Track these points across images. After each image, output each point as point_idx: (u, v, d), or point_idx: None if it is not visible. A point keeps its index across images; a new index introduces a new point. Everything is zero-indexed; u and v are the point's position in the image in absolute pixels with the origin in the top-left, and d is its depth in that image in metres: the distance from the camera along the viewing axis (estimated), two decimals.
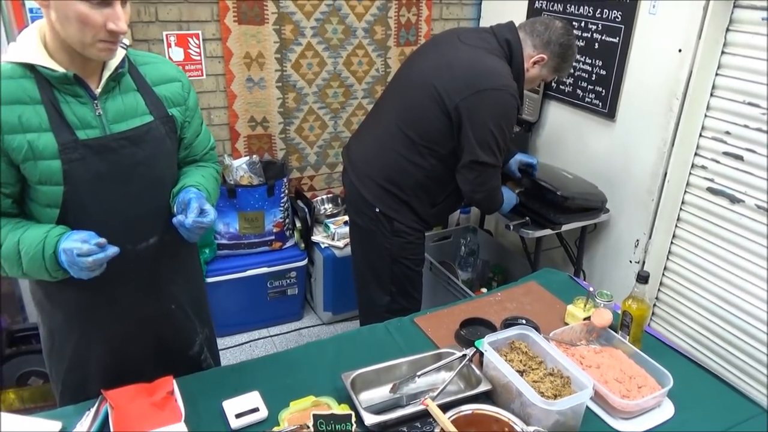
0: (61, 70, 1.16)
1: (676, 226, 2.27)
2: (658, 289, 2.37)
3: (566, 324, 1.67)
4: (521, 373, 1.35)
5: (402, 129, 1.94)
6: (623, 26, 2.29)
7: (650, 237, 2.34)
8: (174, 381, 1.31)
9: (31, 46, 1.16)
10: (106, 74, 1.22)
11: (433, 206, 2.06)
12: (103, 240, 1.15)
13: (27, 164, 1.17)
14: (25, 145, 1.15)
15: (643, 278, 1.52)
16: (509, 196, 2.21)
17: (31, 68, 1.16)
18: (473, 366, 1.42)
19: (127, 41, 1.28)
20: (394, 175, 1.97)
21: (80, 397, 1.38)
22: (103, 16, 1.10)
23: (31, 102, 1.16)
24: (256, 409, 1.29)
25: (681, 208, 2.24)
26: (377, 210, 2.00)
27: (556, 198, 2.27)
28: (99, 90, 1.22)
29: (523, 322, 1.62)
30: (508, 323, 1.61)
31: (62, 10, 1.09)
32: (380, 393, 1.38)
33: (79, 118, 1.20)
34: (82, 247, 1.12)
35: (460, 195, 2.04)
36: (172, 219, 1.27)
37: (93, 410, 1.27)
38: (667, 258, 2.33)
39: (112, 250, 1.15)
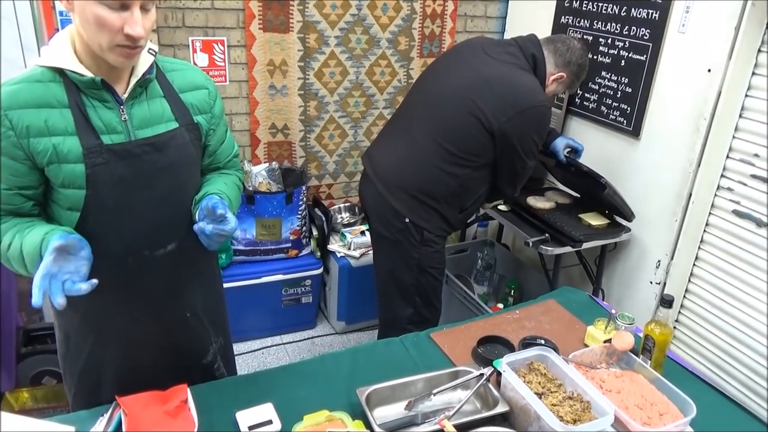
0: (89, 74, 1.16)
1: (699, 248, 2.23)
2: (679, 312, 2.32)
3: (586, 345, 1.64)
4: (540, 395, 1.32)
5: (438, 141, 1.96)
6: (651, 44, 2.26)
7: (672, 258, 2.29)
8: (188, 389, 1.30)
9: (61, 51, 1.17)
10: (134, 80, 1.22)
11: (461, 211, 2.10)
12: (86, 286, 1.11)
13: (51, 167, 1.17)
14: (50, 148, 1.15)
15: (667, 302, 1.48)
16: None
17: (61, 72, 1.17)
18: (490, 386, 1.39)
19: (155, 47, 1.28)
20: (429, 185, 1.99)
21: (93, 401, 1.38)
22: (121, 20, 1.09)
23: (59, 106, 1.17)
24: (269, 422, 1.28)
25: (705, 230, 2.20)
26: (407, 220, 2.01)
27: (597, 185, 2.26)
28: (126, 95, 1.22)
29: (542, 342, 1.59)
30: (527, 343, 1.59)
31: (82, 12, 1.09)
32: (395, 410, 1.36)
33: (104, 123, 1.20)
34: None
35: (484, 198, 2.15)
36: (193, 226, 1.26)
37: (107, 416, 1.27)
38: (689, 280, 2.28)
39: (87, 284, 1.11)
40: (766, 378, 2.00)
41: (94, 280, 1.11)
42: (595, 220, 2.41)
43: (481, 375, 1.40)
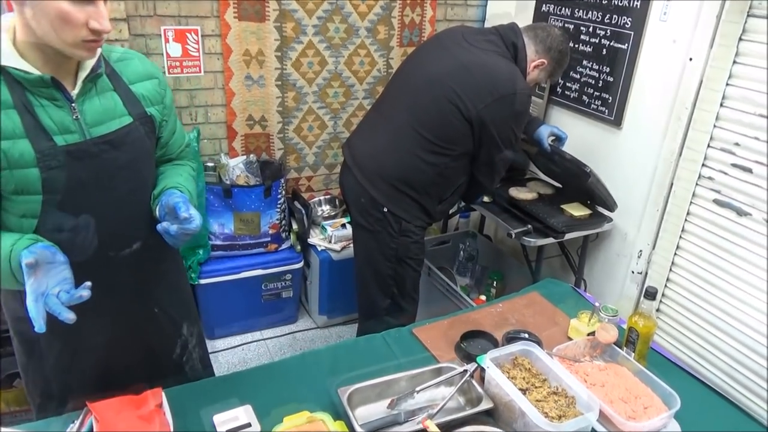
0: (36, 72, 1.09)
1: (680, 237, 2.23)
2: (660, 301, 2.32)
3: (569, 338, 1.62)
4: (524, 391, 1.30)
5: (417, 129, 1.93)
6: (632, 32, 2.24)
7: (654, 248, 2.29)
8: (163, 393, 1.26)
9: (1, 49, 1.08)
10: (82, 75, 1.15)
11: (440, 202, 2.08)
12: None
13: (2, 173, 1.09)
14: None
15: (650, 294, 1.47)
16: None
17: (3, 71, 1.08)
18: (474, 382, 1.37)
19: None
20: (408, 174, 1.96)
21: (61, 408, 1.33)
22: (85, 14, 1.04)
23: (2, 107, 1.08)
24: (248, 425, 1.24)
25: (686, 219, 2.19)
26: (385, 210, 1.99)
27: (581, 174, 2.25)
28: (76, 92, 1.15)
29: (526, 336, 1.57)
30: (511, 337, 1.57)
31: (41, 7, 1.01)
32: (377, 409, 1.33)
33: (56, 123, 1.13)
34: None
35: (464, 189, 2.11)
36: (156, 226, 1.21)
37: (78, 423, 1.22)
38: (671, 270, 2.28)
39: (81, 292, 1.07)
40: (745, 365, 2.02)
41: (88, 282, 1.06)
42: (577, 210, 2.40)
43: (465, 371, 1.38)
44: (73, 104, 1.15)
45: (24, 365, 1.39)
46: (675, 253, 2.25)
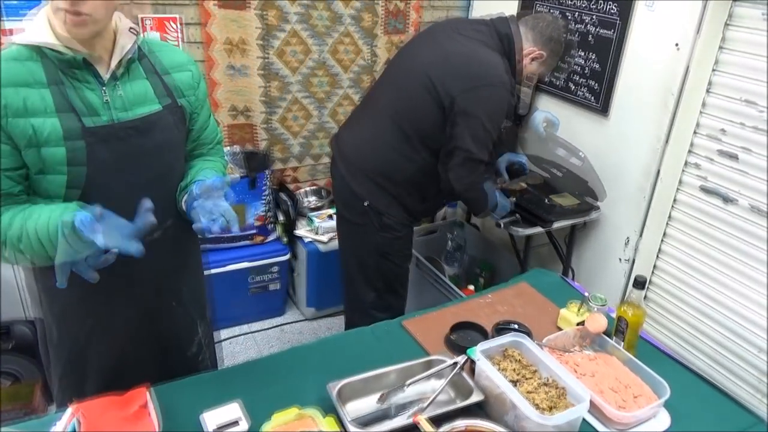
0: (69, 53, 1.11)
1: (667, 224, 2.24)
2: (648, 288, 2.34)
3: (559, 329, 1.62)
4: (515, 383, 1.30)
5: (396, 121, 1.89)
6: (619, 20, 2.23)
7: (641, 235, 2.30)
8: (148, 393, 1.23)
9: (39, 28, 1.11)
10: (115, 59, 1.17)
11: (423, 201, 2.03)
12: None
13: (29, 151, 1.11)
14: (29, 129, 1.09)
15: (639, 283, 1.47)
16: (503, 203, 2.12)
17: (39, 51, 1.11)
18: (464, 375, 1.36)
19: (137, 27, 1.22)
20: (387, 168, 1.92)
21: (77, 394, 1.32)
22: None
23: (37, 86, 1.11)
24: (237, 422, 1.22)
25: (673, 207, 2.20)
26: (366, 204, 1.96)
27: (546, 206, 2.25)
28: (108, 76, 1.17)
29: (516, 327, 1.57)
30: (500, 328, 1.56)
31: None
32: (368, 403, 1.32)
33: (86, 104, 1.15)
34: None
35: (448, 192, 2.00)
36: (193, 225, 1.20)
37: (62, 422, 1.19)
38: (657, 257, 2.30)
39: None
40: (731, 350, 2.04)
41: (114, 250, 1.08)
42: (565, 200, 2.39)
43: (455, 364, 1.37)
44: (104, 87, 1.17)
45: (45, 351, 1.40)
46: (662, 240, 2.26)
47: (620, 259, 2.40)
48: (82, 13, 1.07)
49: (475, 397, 1.29)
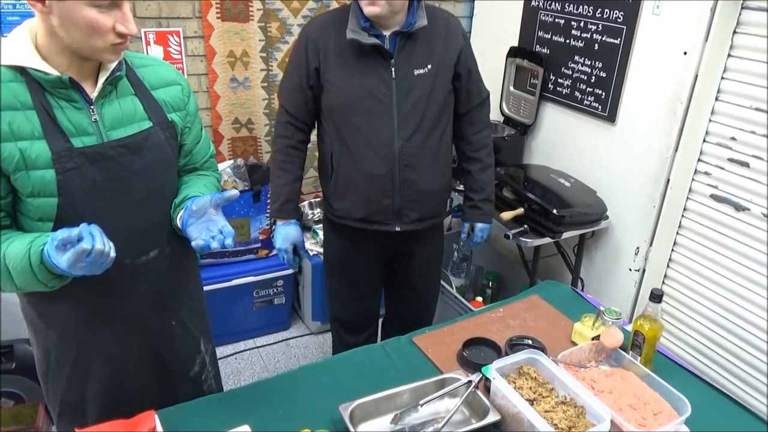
0: (54, 73, 1.08)
1: (677, 233, 2.21)
2: None
3: (573, 343, 1.58)
4: (532, 402, 1.26)
5: None
6: (625, 27, 2.21)
7: (651, 244, 2.27)
8: (156, 416, 1.20)
9: (21, 48, 1.08)
10: (102, 78, 1.14)
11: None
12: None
13: (18, 174, 1.08)
14: (16, 154, 1.07)
15: (656, 297, 1.43)
16: None
17: (22, 71, 1.08)
18: (479, 393, 1.32)
19: None
20: None
21: (78, 419, 1.30)
22: (112, 19, 1.05)
23: (23, 107, 1.08)
24: None
25: (683, 215, 2.17)
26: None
27: (552, 216, 2.19)
28: (95, 94, 1.14)
29: (529, 342, 1.53)
30: (514, 344, 1.52)
31: (68, 16, 1.02)
32: (381, 424, 1.29)
33: (74, 125, 1.12)
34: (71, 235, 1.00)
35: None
36: (192, 243, 1.17)
37: None
38: (668, 266, 2.26)
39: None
40: (745, 360, 2.00)
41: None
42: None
43: (470, 382, 1.34)
44: (91, 106, 1.14)
45: (43, 374, 1.37)
46: (672, 249, 2.23)
47: (630, 269, 2.37)
48: (127, 41, 1.10)
49: (492, 417, 1.25)
